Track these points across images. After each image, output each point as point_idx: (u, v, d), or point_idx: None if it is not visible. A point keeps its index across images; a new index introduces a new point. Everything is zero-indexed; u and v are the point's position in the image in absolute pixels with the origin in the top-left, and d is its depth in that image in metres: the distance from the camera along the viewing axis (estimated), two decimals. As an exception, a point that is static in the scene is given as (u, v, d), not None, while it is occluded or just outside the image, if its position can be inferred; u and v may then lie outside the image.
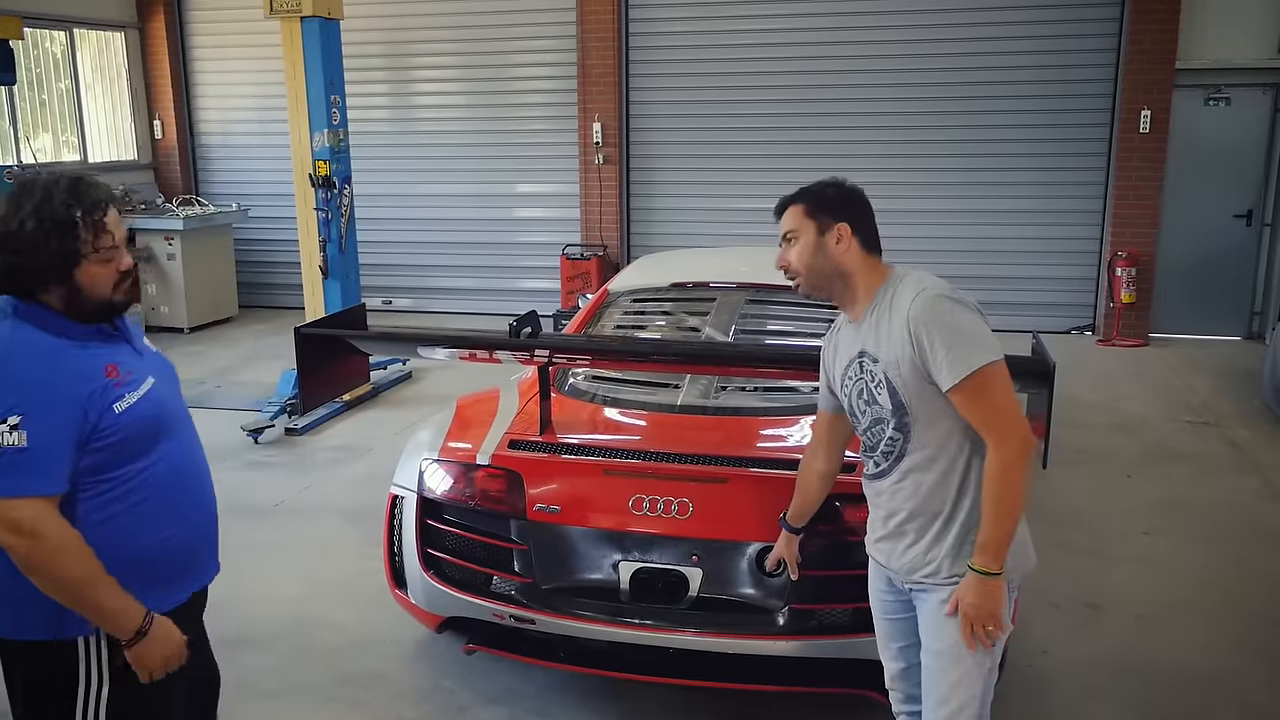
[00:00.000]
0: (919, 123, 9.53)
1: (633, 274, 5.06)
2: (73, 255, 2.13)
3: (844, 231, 2.49)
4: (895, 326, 2.39)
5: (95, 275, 2.17)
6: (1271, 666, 3.96)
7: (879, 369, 2.44)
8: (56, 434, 2.08)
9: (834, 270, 2.50)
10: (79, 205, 2.13)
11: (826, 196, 2.54)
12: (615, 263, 10.12)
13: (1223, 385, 7.86)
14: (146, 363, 2.33)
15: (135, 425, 2.20)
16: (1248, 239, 9.33)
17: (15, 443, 2.03)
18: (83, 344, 2.19)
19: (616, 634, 3.24)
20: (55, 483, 2.09)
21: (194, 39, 11.28)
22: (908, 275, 2.48)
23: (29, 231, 2.10)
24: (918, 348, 2.33)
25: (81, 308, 2.18)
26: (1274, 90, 9.05)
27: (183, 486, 2.35)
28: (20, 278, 2.15)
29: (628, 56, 10.08)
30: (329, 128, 6.97)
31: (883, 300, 2.46)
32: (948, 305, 2.34)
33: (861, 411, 2.54)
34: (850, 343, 2.56)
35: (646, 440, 3.55)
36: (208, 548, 2.47)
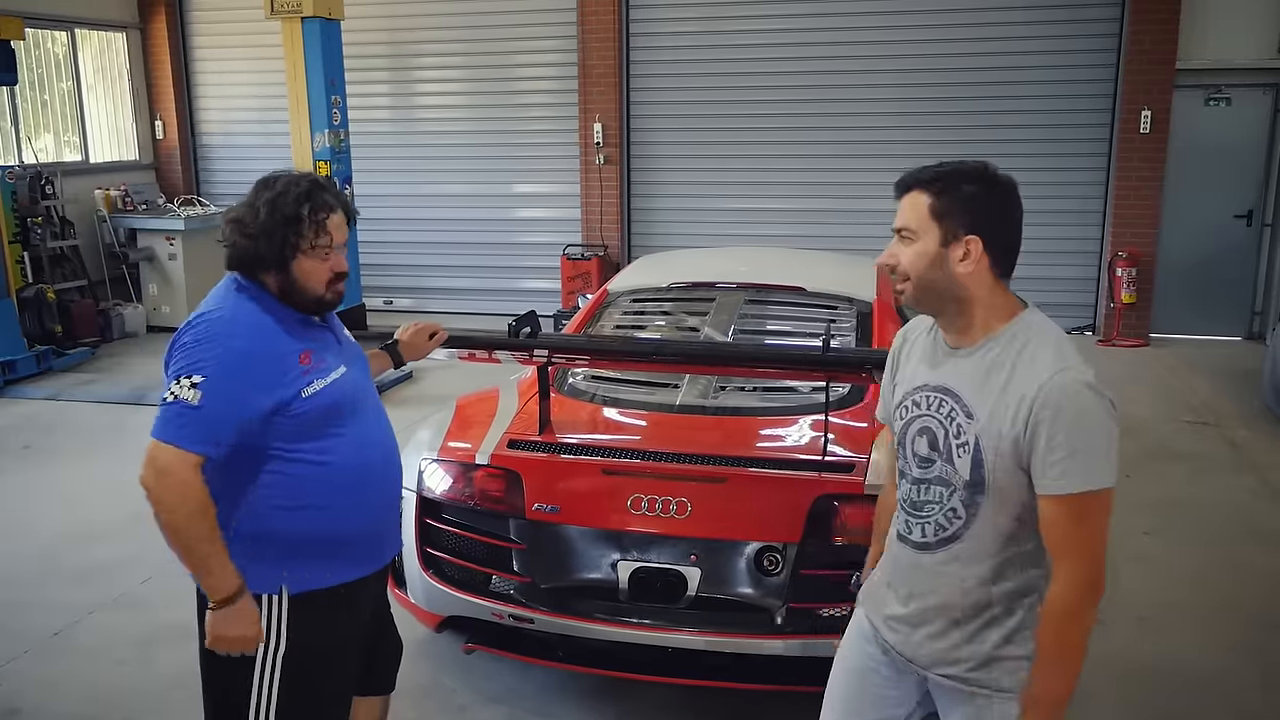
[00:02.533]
0: (919, 123, 9.54)
1: (632, 274, 5.07)
2: (293, 248, 2.33)
3: (975, 247, 1.98)
4: (1014, 394, 1.93)
5: (309, 270, 2.36)
6: (1266, 668, 3.97)
7: (971, 429, 1.98)
8: (228, 406, 2.23)
9: (951, 291, 2.00)
10: (308, 204, 2.33)
11: (965, 195, 2.00)
12: (616, 263, 10.12)
13: (1223, 385, 7.86)
14: (344, 351, 2.51)
15: (320, 408, 2.35)
16: (1248, 239, 9.33)
17: (189, 399, 2.20)
18: (288, 328, 2.37)
19: (615, 633, 3.25)
20: (207, 446, 2.22)
21: (195, 39, 11.29)
22: (1044, 329, 2.00)
23: (262, 220, 2.32)
24: (1031, 432, 1.90)
25: (294, 297, 2.37)
26: (1274, 90, 9.05)
27: (363, 466, 2.47)
28: (247, 258, 2.35)
29: (628, 56, 10.08)
30: (330, 128, 7.00)
31: (1006, 347, 1.98)
32: (1091, 401, 1.88)
33: (917, 458, 2.09)
34: (932, 366, 2.10)
35: (645, 440, 3.55)
36: (387, 526, 2.62)
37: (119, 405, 7.53)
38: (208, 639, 2.34)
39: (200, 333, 2.29)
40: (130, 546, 5.03)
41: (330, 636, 2.48)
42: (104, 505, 5.57)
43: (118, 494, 5.73)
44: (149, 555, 4.91)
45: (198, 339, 2.27)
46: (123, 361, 8.88)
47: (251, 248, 2.33)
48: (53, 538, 5.21)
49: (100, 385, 8.02)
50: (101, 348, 9.23)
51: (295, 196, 2.33)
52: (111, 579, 4.72)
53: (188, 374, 2.22)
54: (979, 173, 2.02)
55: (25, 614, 4.42)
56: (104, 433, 6.94)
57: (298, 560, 2.39)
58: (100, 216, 10.05)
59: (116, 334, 9.66)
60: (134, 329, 9.85)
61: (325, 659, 2.48)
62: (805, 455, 3.34)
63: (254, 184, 2.43)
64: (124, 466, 6.11)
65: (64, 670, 4.01)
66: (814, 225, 9.80)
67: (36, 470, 6.28)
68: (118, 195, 10.20)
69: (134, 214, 10.13)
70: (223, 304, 2.36)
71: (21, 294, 8.53)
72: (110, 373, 8.48)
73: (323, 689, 2.51)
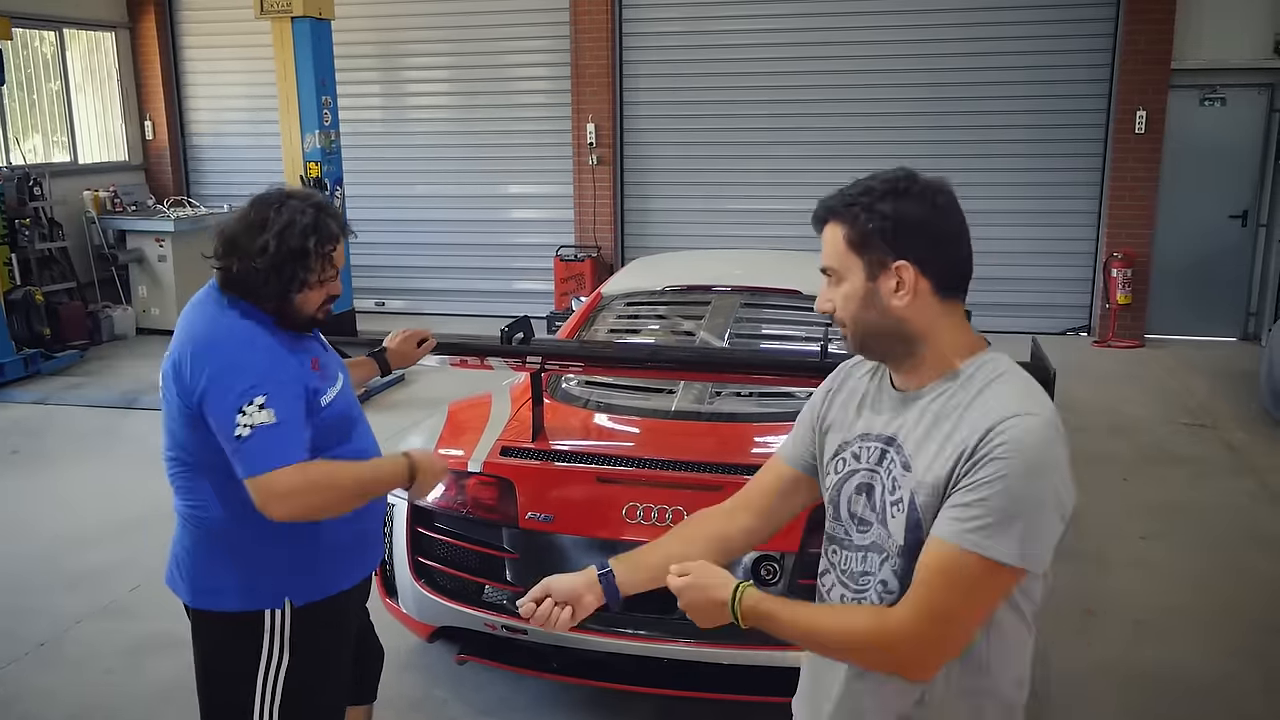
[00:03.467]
0: (913, 122, 9.51)
1: (627, 277, 5.02)
2: (299, 283, 2.28)
3: (907, 274, 1.63)
4: (959, 436, 1.57)
5: (310, 299, 2.33)
6: (1267, 673, 3.93)
7: (907, 483, 1.63)
8: (296, 407, 2.23)
9: (893, 330, 1.66)
10: (314, 236, 2.27)
11: (881, 216, 1.63)
12: (609, 264, 10.07)
13: (1219, 387, 7.84)
14: (333, 361, 2.49)
15: (333, 419, 2.35)
16: (1243, 239, 9.31)
17: (266, 420, 2.17)
18: (282, 339, 2.32)
19: (609, 644, 3.20)
20: (304, 449, 2.23)
21: (185, 39, 11.21)
22: (1012, 371, 1.66)
23: (271, 253, 2.24)
24: (962, 470, 1.55)
25: (288, 322, 2.33)
26: (1269, 90, 9.04)
27: None
28: (245, 286, 2.29)
29: (621, 56, 10.03)
30: (320, 129, 6.93)
31: (961, 390, 1.63)
32: (1052, 461, 1.54)
33: (855, 520, 1.75)
34: (876, 412, 1.75)
35: (640, 447, 3.50)
36: (374, 540, 2.62)
37: (109, 409, 7.46)
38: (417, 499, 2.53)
39: (227, 358, 2.22)
40: (119, 553, 4.97)
41: (330, 648, 2.47)
42: (93, 511, 5.51)
43: (107, 500, 5.68)
44: (138, 562, 4.86)
45: (230, 365, 2.20)
46: (112, 364, 8.80)
47: (255, 280, 2.26)
48: (40, 544, 5.14)
49: (89, 389, 7.95)
50: (91, 350, 9.14)
51: (302, 229, 2.25)
52: (100, 587, 4.66)
53: (248, 400, 2.16)
54: (894, 186, 1.66)
55: (11, 623, 4.35)
56: (94, 437, 6.86)
57: (301, 571, 2.38)
58: (89, 218, 9.97)
59: (106, 336, 9.58)
60: (123, 331, 9.77)
61: (325, 672, 2.48)
62: (802, 462, 3.29)
63: (252, 201, 2.33)
64: (114, 471, 6.13)
65: (50, 681, 3.95)
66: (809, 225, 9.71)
67: (24, 476, 6.21)
68: (107, 196, 10.12)
69: (123, 215, 10.04)
70: (222, 325, 2.27)
71: (9, 296, 8.45)
72: (100, 375, 8.40)
73: (321, 702, 2.49)
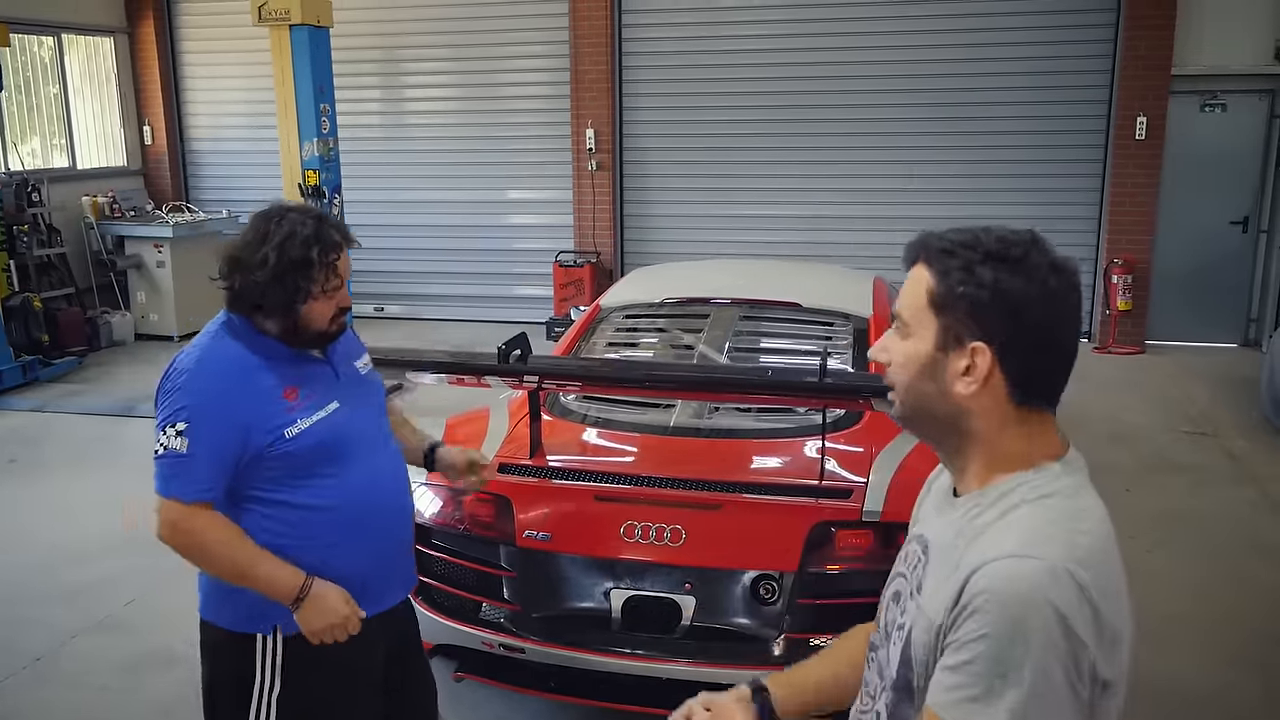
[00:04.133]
0: (914, 129, 9.49)
1: (625, 289, 5.00)
2: (303, 293, 2.26)
3: (982, 360, 1.35)
4: (959, 573, 1.31)
5: (318, 312, 2.30)
6: (1268, 683, 3.92)
7: (912, 607, 1.41)
8: (215, 449, 2.20)
9: (947, 416, 1.40)
10: (317, 246, 2.26)
11: (978, 281, 1.35)
12: (609, 270, 10.05)
13: (1220, 394, 7.82)
14: (341, 386, 2.40)
15: (308, 448, 2.28)
16: (1244, 246, 9.28)
17: (178, 447, 2.18)
18: (275, 364, 2.29)
19: (608, 663, 3.17)
20: (205, 492, 2.20)
21: (184, 44, 11.19)
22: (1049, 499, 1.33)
23: (271, 265, 2.23)
24: (949, 620, 1.29)
25: (297, 337, 2.31)
26: (1270, 97, 9.01)
27: (361, 507, 2.38)
28: (249, 302, 2.29)
29: (621, 63, 10.01)
30: (318, 136, 6.91)
31: (990, 510, 1.36)
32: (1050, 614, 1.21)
33: (883, 625, 1.52)
34: (933, 509, 1.53)
35: (638, 464, 3.48)
36: (383, 574, 2.48)
37: (107, 417, 7.44)
38: (309, 638, 2.29)
39: (175, 380, 2.25)
40: (116, 566, 4.95)
41: (330, 677, 2.40)
42: (90, 523, 5.49)
43: (105, 511, 5.65)
44: (134, 576, 4.84)
45: (175, 386, 2.24)
46: (110, 371, 8.79)
47: (257, 293, 2.26)
48: (37, 556, 5.12)
49: (88, 396, 7.93)
50: (89, 357, 9.13)
51: (303, 239, 2.25)
52: (95, 601, 4.64)
53: (171, 423, 2.20)
54: (1005, 250, 1.36)
55: (7, 636, 4.33)
56: (92, 445, 6.84)
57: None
58: (88, 223, 9.96)
59: (104, 343, 9.56)
60: (122, 337, 9.75)
61: (327, 702, 2.41)
62: (802, 480, 3.28)
63: (252, 217, 2.36)
64: (112, 481, 6.11)
65: (46, 697, 3.93)
66: (808, 232, 9.74)
67: (21, 485, 6.19)
68: (105, 202, 10.10)
69: (122, 221, 10.03)
70: (198, 346, 2.32)
71: (7, 303, 8.43)
72: (98, 383, 8.38)
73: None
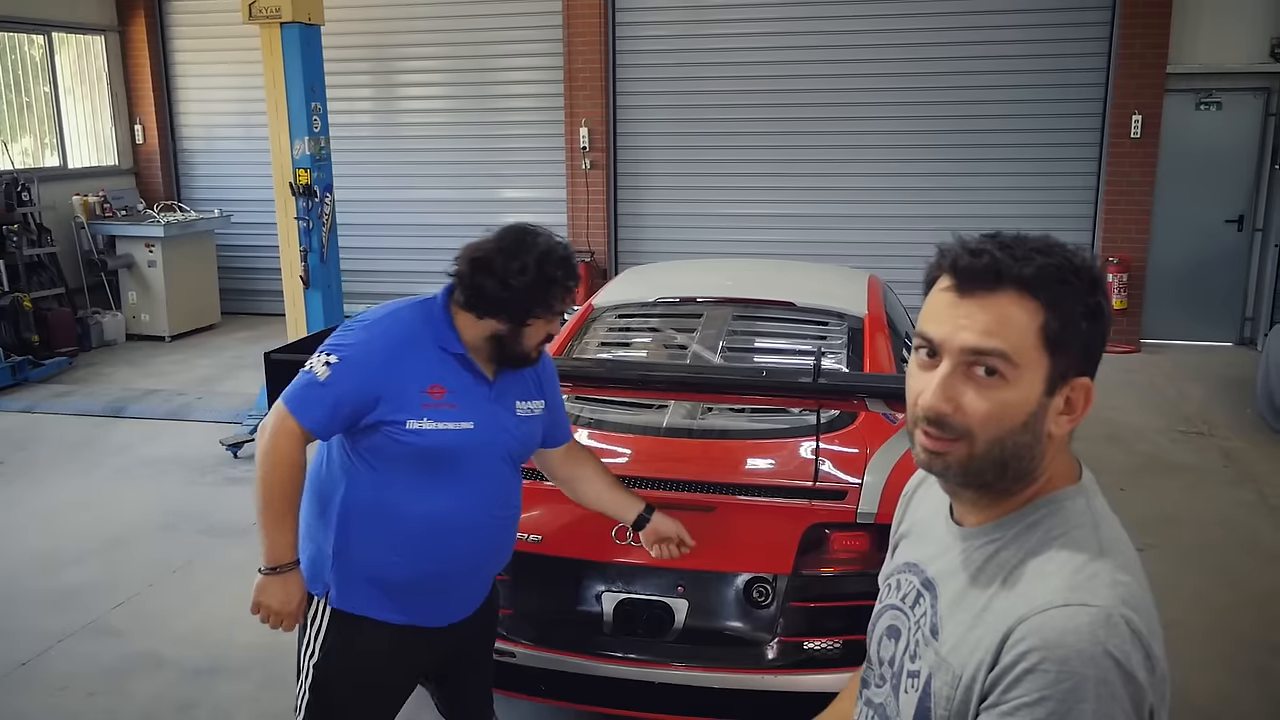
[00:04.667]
0: (909, 128, 9.45)
1: (618, 288, 4.95)
2: (544, 307, 2.36)
3: (1082, 395, 1.24)
4: (989, 621, 1.20)
5: (536, 331, 2.39)
6: (1270, 695, 3.87)
7: (928, 655, 1.28)
8: (343, 395, 2.27)
9: (1028, 463, 1.24)
10: (564, 269, 2.38)
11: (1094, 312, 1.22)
12: (603, 269, 10.01)
13: (1215, 393, 7.80)
14: (487, 413, 2.40)
15: (420, 449, 2.31)
16: (1239, 244, 9.27)
17: (319, 374, 2.28)
18: (441, 360, 2.36)
19: (599, 667, 3.13)
20: (313, 422, 2.28)
21: (175, 43, 11.13)
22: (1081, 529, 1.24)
23: (528, 274, 2.33)
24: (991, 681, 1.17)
25: (505, 352, 2.39)
26: (1265, 95, 8.99)
27: (446, 524, 2.39)
28: (487, 302, 2.35)
29: (615, 61, 9.97)
30: (309, 135, 6.84)
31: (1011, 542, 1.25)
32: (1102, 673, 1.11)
33: (881, 663, 1.41)
34: (927, 537, 1.40)
35: (630, 466, 3.43)
36: (460, 589, 2.51)
37: (97, 418, 7.39)
38: (251, 607, 2.38)
39: (361, 322, 2.38)
40: (104, 570, 4.91)
41: (363, 667, 2.44)
42: (79, 525, 5.44)
43: (94, 513, 5.61)
44: (123, 580, 4.80)
45: (356, 326, 2.37)
46: (101, 371, 8.73)
47: (498, 298, 2.34)
48: (23, 560, 5.07)
49: (77, 397, 7.87)
50: (79, 357, 9.07)
51: (559, 260, 2.37)
52: (83, 605, 4.58)
53: (330, 352, 2.31)
54: (1090, 267, 1.23)
55: (-8, 642, 4.29)
56: (81, 448, 6.79)
57: (348, 577, 2.39)
58: (78, 223, 9.89)
59: (95, 343, 9.50)
60: (113, 337, 9.70)
61: (354, 687, 2.45)
62: (796, 482, 3.24)
63: (504, 229, 2.47)
64: (101, 484, 6.07)
65: (31, 703, 3.87)
66: (804, 230, 9.70)
67: (9, 488, 6.13)
68: (96, 201, 10.03)
69: (113, 220, 9.96)
70: (399, 305, 2.42)
71: (-3, 303, 8.38)
72: (88, 383, 8.32)
73: (343, 711, 2.46)
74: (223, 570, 4.87)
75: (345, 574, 2.40)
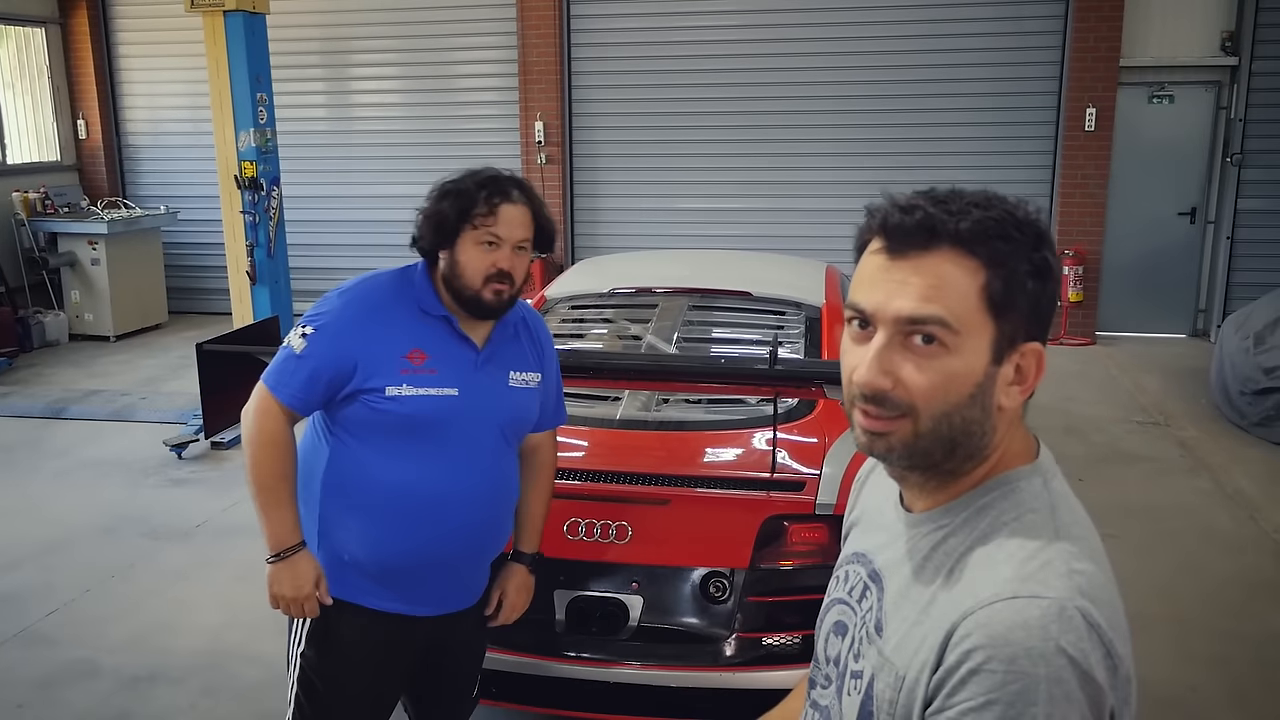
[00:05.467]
0: (865, 121, 9.43)
1: (572, 279, 4.85)
2: (453, 224, 2.26)
3: (1032, 362, 1.13)
4: (935, 616, 1.09)
5: (471, 257, 2.26)
6: (1233, 683, 3.85)
7: (871, 653, 1.17)
8: (320, 366, 2.22)
9: (976, 439, 1.13)
10: (486, 188, 2.30)
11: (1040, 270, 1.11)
12: (559, 265, 9.88)
13: (1170, 384, 7.84)
14: (474, 379, 2.32)
15: (400, 415, 2.24)
16: (1192, 237, 9.34)
17: (295, 347, 2.24)
18: (424, 323, 2.29)
19: (552, 667, 3.03)
20: (293, 397, 2.23)
21: (119, 35, 10.85)
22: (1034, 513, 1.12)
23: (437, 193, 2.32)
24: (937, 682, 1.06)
25: (454, 283, 2.28)
26: (1216, 88, 9.07)
27: (419, 502, 2.29)
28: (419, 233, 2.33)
29: (570, 53, 9.85)
30: (255, 127, 6.67)
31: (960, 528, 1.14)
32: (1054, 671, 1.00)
33: (828, 661, 1.30)
34: (880, 525, 1.29)
35: (583, 459, 3.33)
36: (430, 578, 2.38)
37: (36, 420, 7.16)
38: (269, 598, 2.30)
39: (337, 290, 2.33)
40: (38, 576, 4.72)
41: (351, 657, 2.36)
42: (12, 530, 5.24)
43: (29, 517, 5.41)
44: (58, 585, 4.62)
45: (334, 293, 2.32)
46: (41, 372, 8.47)
47: (430, 216, 2.31)
48: (-46, 566, 4.86)
49: (16, 398, 7.62)
50: (20, 358, 8.79)
51: (479, 179, 2.32)
52: (14, 612, 4.39)
53: (306, 324, 2.27)
54: (1036, 223, 1.12)
55: (-83, 653, 4.10)
56: (18, 450, 6.56)
57: (334, 560, 2.32)
58: (18, 220, 9.60)
59: (36, 343, 9.22)
60: (55, 338, 9.42)
61: (343, 678, 2.37)
62: (753, 473, 3.15)
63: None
64: (38, 488, 5.85)
65: (-43, 715, 3.70)
66: (761, 225, 9.65)
67: (-59, 491, 5.90)
68: (37, 198, 9.75)
69: (55, 217, 9.68)
70: (377, 274, 2.37)
71: (-69, 303, 8.11)
72: (28, 384, 8.07)
73: (332, 705, 2.37)
74: (164, 574, 4.71)
75: (331, 557, 2.32)
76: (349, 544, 2.31)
